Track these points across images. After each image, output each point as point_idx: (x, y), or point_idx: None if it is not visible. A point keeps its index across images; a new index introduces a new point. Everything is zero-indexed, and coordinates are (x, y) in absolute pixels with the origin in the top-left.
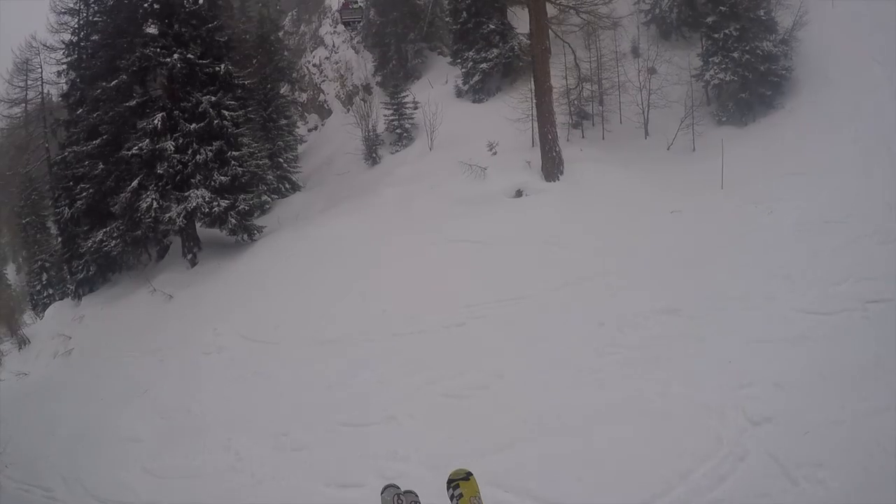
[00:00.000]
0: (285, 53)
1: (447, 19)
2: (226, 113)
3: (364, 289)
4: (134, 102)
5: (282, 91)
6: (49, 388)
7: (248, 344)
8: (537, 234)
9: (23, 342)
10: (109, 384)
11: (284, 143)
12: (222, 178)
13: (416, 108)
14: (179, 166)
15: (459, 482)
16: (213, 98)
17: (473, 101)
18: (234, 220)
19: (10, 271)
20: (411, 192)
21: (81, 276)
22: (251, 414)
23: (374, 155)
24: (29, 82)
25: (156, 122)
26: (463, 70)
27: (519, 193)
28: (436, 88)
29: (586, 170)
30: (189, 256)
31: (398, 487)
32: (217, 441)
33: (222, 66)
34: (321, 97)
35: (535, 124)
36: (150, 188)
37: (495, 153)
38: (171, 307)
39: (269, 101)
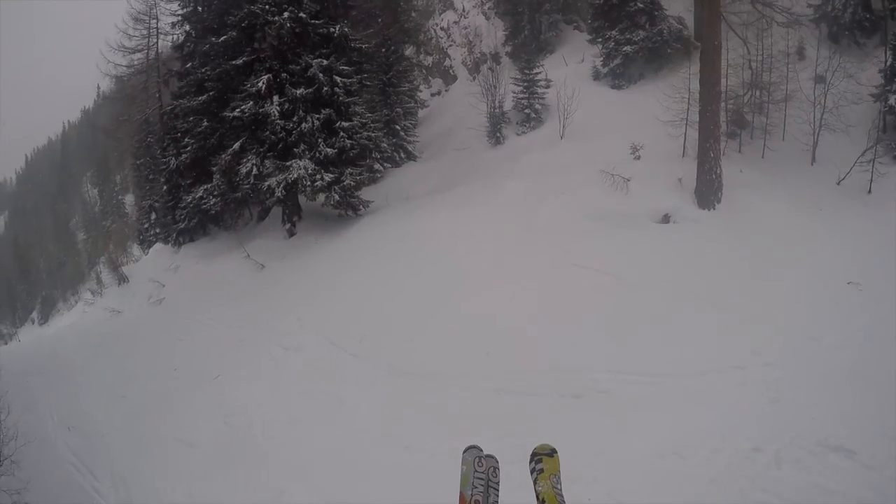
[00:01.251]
0: (413, 14)
1: None
2: (338, 79)
3: (467, 312)
4: (241, 61)
5: (406, 53)
6: (134, 339)
7: (329, 350)
8: (684, 278)
9: (123, 279)
10: (187, 355)
11: (404, 109)
12: (329, 149)
13: (548, 86)
14: (283, 133)
15: (543, 457)
16: (325, 62)
17: (612, 87)
18: (337, 196)
19: (129, 201)
20: (538, 191)
21: (183, 225)
22: (309, 461)
23: (497, 134)
24: (145, 31)
25: (260, 84)
26: (604, 50)
27: (666, 219)
28: (570, 66)
29: (747, 200)
30: (287, 226)
31: (481, 450)
32: (268, 485)
33: (337, 28)
34: (447, 62)
35: (690, 131)
36: (252, 153)
37: (639, 157)
38: (262, 278)
39: (391, 64)
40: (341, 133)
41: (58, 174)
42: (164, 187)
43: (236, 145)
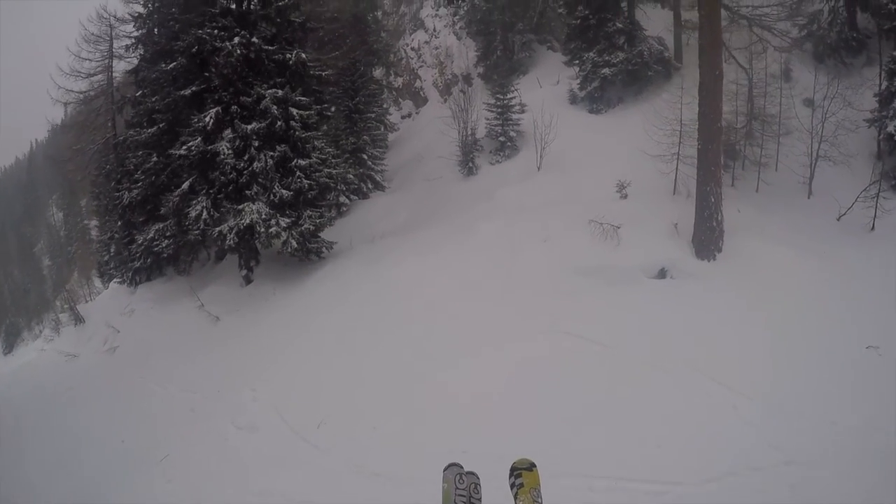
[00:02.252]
0: (382, 34)
1: (561, 11)
2: (294, 112)
3: (437, 392)
4: (189, 91)
5: (375, 74)
6: (86, 396)
7: (286, 435)
8: (687, 350)
9: (79, 319)
10: (137, 422)
11: (371, 137)
12: (284, 191)
13: (522, 111)
14: (234, 173)
15: (522, 472)
16: (280, 92)
17: (590, 111)
18: (294, 242)
19: (94, 226)
20: (515, 236)
21: (138, 264)
22: None
23: (470, 164)
24: (99, 56)
25: (208, 118)
26: (580, 73)
27: (662, 274)
28: (545, 89)
29: (749, 247)
30: (244, 272)
31: (461, 467)
32: None
33: (293, 54)
34: (417, 83)
35: (681, 166)
36: (202, 194)
37: (626, 196)
38: (216, 333)
39: (358, 89)
40: (298, 172)
41: (24, 196)
42: (119, 223)
43: (185, 185)
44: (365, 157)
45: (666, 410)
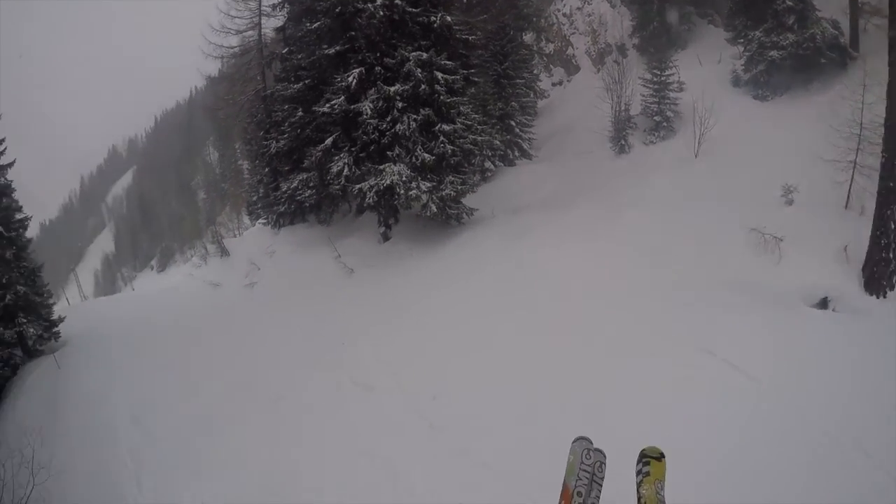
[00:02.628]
0: None
1: None
2: (439, 75)
3: (571, 401)
4: (333, 51)
5: (525, 39)
6: (220, 327)
7: (399, 401)
8: (846, 406)
9: (224, 252)
10: (261, 360)
11: (520, 103)
12: (426, 154)
13: (681, 90)
14: (376, 134)
15: (651, 460)
16: (424, 55)
17: (754, 97)
18: (434, 207)
19: (247, 167)
20: (665, 232)
21: (282, 209)
22: None
23: (622, 141)
24: (248, 13)
25: (351, 78)
26: (745, 53)
27: (824, 304)
28: (705, 67)
29: None
30: (382, 230)
31: (590, 442)
32: None
33: (438, 17)
34: (569, 51)
35: (858, 177)
36: (345, 151)
37: (791, 202)
38: (349, 285)
39: (507, 53)
40: (441, 137)
41: (183, 136)
42: (266, 169)
43: (328, 141)
44: (513, 123)
45: (825, 477)
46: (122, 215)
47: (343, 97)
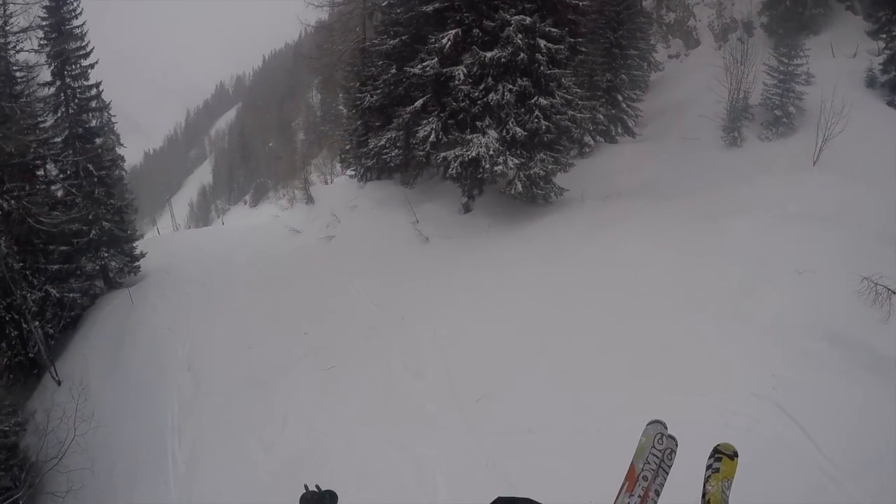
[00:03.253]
0: None
1: None
2: (541, 43)
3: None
4: (430, 8)
5: (644, 5)
6: (294, 276)
7: (444, 394)
8: None
9: (310, 199)
10: (322, 323)
11: (630, 77)
12: (518, 129)
13: (808, 82)
14: (466, 102)
15: (724, 457)
16: (527, 20)
17: (889, 103)
18: (520, 185)
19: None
20: (763, 251)
21: (370, 163)
22: None
23: (735, 133)
24: None
25: (445, 40)
26: (886, 50)
27: None
28: (838, 60)
29: None
30: (464, 200)
31: (665, 427)
32: None
33: None
34: (691, 22)
35: None
36: (434, 115)
37: None
38: (422, 255)
39: (622, 21)
40: (536, 111)
41: (289, 77)
42: (358, 122)
43: (418, 103)
44: (619, 97)
45: None
46: (222, 149)
47: (436, 59)
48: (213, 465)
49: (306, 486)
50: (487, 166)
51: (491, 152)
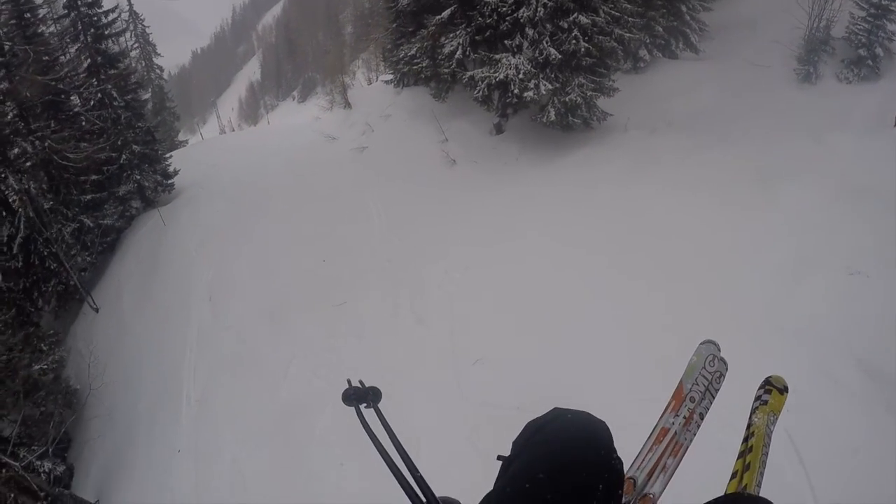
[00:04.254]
0: None
1: None
2: None
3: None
4: None
5: None
6: (321, 191)
7: (443, 351)
8: None
9: (347, 104)
10: (339, 252)
11: None
12: (553, 50)
13: None
14: (494, 17)
15: (774, 390)
16: None
17: None
18: (552, 114)
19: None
20: (818, 245)
21: (405, 69)
22: None
23: (811, 68)
24: None
25: None
26: None
27: None
28: None
29: None
30: (496, 121)
31: (719, 349)
32: None
33: None
34: None
35: None
36: (462, 28)
37: None
38: (445, 179)
39: None
40: (575, 31)
41: None
42: (394, 24)
43: (445, 14)
44: (683, 8)
45: None
46: (269, 44)
47: None
48: (221, 407)
49: (349, 381)
50: (517, 91)
51: (521, 75)
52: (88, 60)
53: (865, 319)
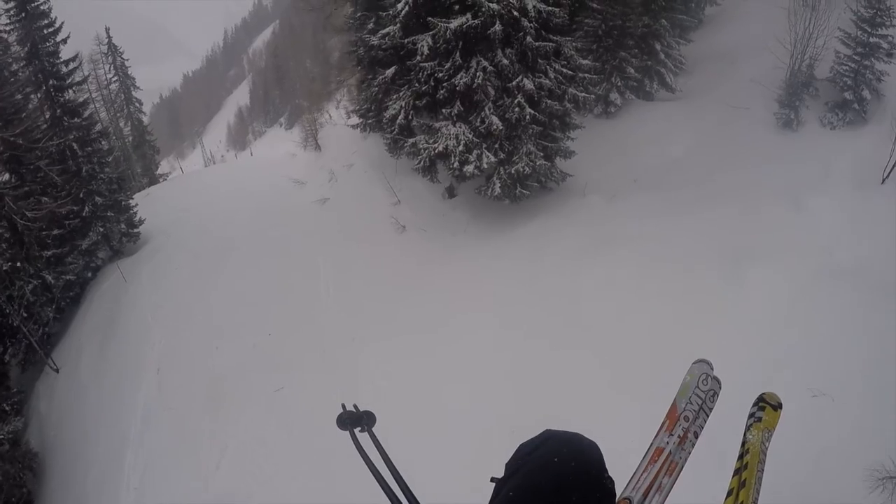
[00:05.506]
0: None
1: None
2: (529, 4)
3: None
4: None
5: None
6: (280, 247)
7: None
8: None
9: (318, 147)
10: (281, 330)
11: (671, 21)
12: (495, 118)
13: (890, 53)
14: (431, 84)
15: (768, 406)
16: None
17: None
18: (497, 187)
19: None
20: (783, 353)
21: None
22: None
23: (792, 112)
24: None
25: (401, 5)
26: None
27: None
28: None
29: None
30: (447, 184)
31: (712, 368)
32: None
33: None
34: None
35: None
36: (406, 89)
37: None
38: (396, 249)
39: None
40: (518, 97)
41: None
42: (358, 66)
43: (388, 73)
44: (658, 46)
45: None
46: (260, 69)
47: (398, 25)
48: (158, 493)
49: (344, 406)
50: (456, 164)
51: (461, 147)
52: (49, 112)
53: (820, 460)
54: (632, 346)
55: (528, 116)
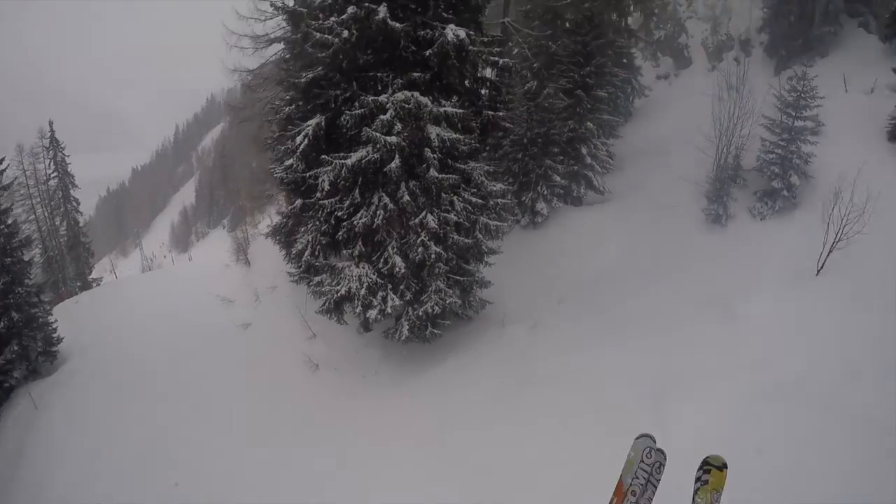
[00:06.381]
0: None
1: None
2: (432, 133)
3: None
4: (303, 79)
5: (629, 22)
6: (196, 379)
7: None
8: None
9: (247, 262)
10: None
11: (598, 123)
12: (397, 258)
13: (815, 131)
14: (331, 222)
15: (713, 469)
16: (410, 97)
17: None
18: (405, 330)
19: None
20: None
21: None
22: None
23: (720, 208)
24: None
25: (300, 138)
26: None
27: None
28: (851, 96)
29: None
30: (361, 318)
31: (654, 441)
32: None
33: (443, 33)
34: (682, 38)
35: None
36: (313, 221)
37: None
38: (306, 392)
39: (590, 55)
40: (422, 235)
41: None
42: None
43: (297, 203)
44: (584, 150)
45: None
46: (207, 167)
47: (300, 158)
48: None
49: None
50: (359, 309)
51: (364, 290)
52: None
53: None
54: None
55: (433, 255)
